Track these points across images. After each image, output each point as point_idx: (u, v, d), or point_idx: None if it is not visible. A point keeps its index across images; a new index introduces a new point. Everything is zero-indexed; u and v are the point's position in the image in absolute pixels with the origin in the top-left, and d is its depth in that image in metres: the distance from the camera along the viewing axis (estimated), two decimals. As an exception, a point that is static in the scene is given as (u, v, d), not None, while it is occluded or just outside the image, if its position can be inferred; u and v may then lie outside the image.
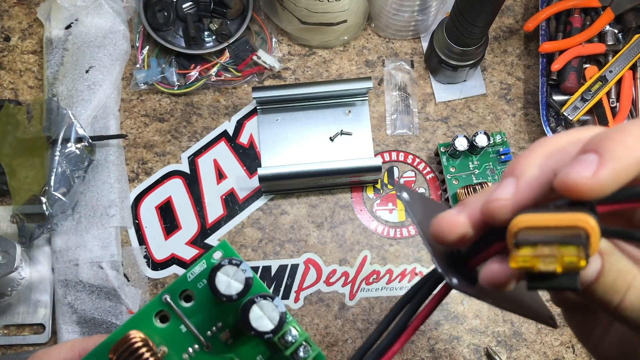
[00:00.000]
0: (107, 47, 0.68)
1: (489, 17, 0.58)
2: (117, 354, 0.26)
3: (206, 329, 0.29)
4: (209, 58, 0.69)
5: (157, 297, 0.29)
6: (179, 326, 0.29)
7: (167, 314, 0.29)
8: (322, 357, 0.29)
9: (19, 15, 0.72)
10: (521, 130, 0.69)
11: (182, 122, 0.69)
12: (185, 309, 0.29)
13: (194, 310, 0.29)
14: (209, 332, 0.29)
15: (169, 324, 0.29)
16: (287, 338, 0.28)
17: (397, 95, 0.69)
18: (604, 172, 0.20)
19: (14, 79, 0.70)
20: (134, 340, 0.27)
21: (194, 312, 0.29)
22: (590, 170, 0.20)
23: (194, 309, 0.29)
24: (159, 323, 0.29)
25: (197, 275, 0.30)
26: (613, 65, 0.64)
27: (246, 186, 0.67)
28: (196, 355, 0.29)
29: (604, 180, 0.20)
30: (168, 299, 0.29)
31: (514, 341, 0.63)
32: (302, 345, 0.28)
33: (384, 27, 0.70)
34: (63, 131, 0.63)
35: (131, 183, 0.67)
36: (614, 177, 0.20)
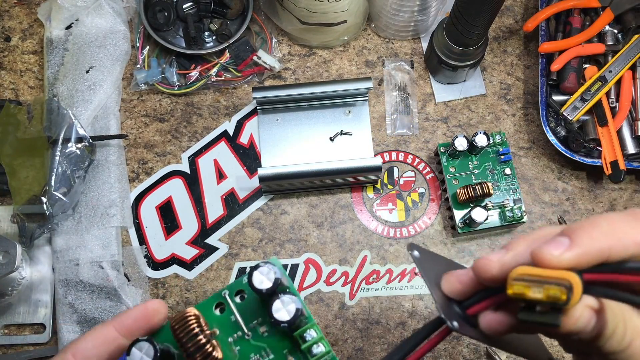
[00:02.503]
0: (107, 47, 0.68)
1: (488, 18, 0.58)
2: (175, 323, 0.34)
3: (249, 321, 0.37)
4: (209, 58, 0.69)
5: (219, 292, 0.37)
6: (230, 316, 0.37)
7: (224, 306, 0.37)
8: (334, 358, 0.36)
9: (19, 15, 0.72)
10: (521, 130, 0.69)
11: (183, 122, 0.69)
12: (237, 304, 0.37)
13: (243, 306, 0.37)
14: (250, 325, 0.37)
15: (224, 313, 0.37)
16: (305, 336, 0.35)
17: (397, 95, 0.70)
18: (569, 254, 0.26)
19: (15, 79, 0.70)
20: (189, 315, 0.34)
21: (243, 308, 0.37)
22: (559, 250, 0.27)
23: (244, 305, 0.37)
24: (217, 312, 0.37)
25: None
26: (612, 65, 0.64)
27: (246, 186, 0.67)
28: (239, 340, 0.37)
29: (567, 260, 0.26)
30: (226, 294, 0.37)
31: (513, 341, 0.63)
32: (317, 344, 0.35)
33: (384, 27, 0.70)
34: (63, 131, 0.63)
35: (131, 183, 0.67)
36: (576, 259, 0.26)
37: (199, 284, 0.65)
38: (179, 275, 0.65)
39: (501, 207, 0.63)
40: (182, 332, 0.34)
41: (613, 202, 0.67)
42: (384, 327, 0.63)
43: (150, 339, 0.34)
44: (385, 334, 0.63)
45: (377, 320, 0.64)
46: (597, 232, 0.27)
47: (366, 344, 0.63)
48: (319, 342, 0.35)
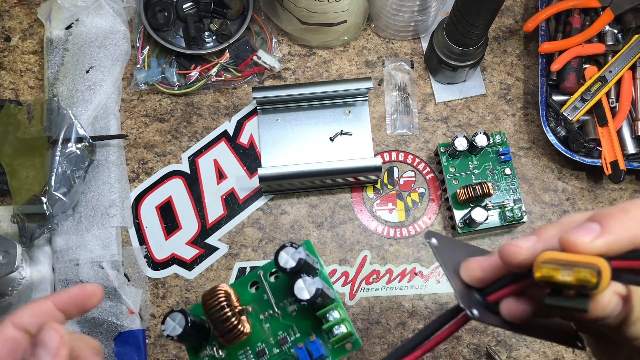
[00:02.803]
0: (107, 47, 0.68)
1: (488, 18, 0.58)
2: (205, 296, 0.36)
3: (280, 300, 0.39)
4: (209, 58, 0.69)
5: (254, 271, 0.40)
6: (263, 294, 0.39)
7: (258, 285, 0.40)
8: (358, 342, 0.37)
9: (19, 15, 0.72)
10: (521, 130, 0.69)
11: (183, 122, 0.69)
12: (270, 283, 0.39)
13: (276, 286, 0.39)
14: (281, 303, 0.39)
15: (258, 292, 0.40)
16: (328, 316, 0.36)
17: (397, 95, 0.70)
18: (600, 241, 0.26)
19: (15, 79, 0.70)
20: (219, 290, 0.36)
21: (276, 288, 0.39)
22: (590, 236, 0.26)
23: (276, 286, 0.39)
24: (252, 290, 0.40)
25: None
26: (612, 65, 0.64)
27: (246, 186, 0.67)
28: (269, 318, 0.39)
29: (598, 247, 0.26)
30: (261, 274, 0.39)
31: (513, 341, 0.63)
32: (339, 325, 0.36)
33: (384, 27, 0.70)
34: (63, 131, 0.63)
35: (132, 183, 0.67)
36: (607, 246, 0.26)
37: (199, 284, 0.65)
38: (179, 275, 0.65)
39: (501, 207, 0.63)
40: (210, 304, 0.36)
41: (613, 202, 0.67)
42: (384, 327, 0.63)
43: (184, 310, 0.36)
44: (386, 334, 0.63)
45: (377, 320, 0.64)
46: (628, 219, 0.26)
47: (366, 343, 0.63)
48: (342, 323, 0.36)
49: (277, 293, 0.39)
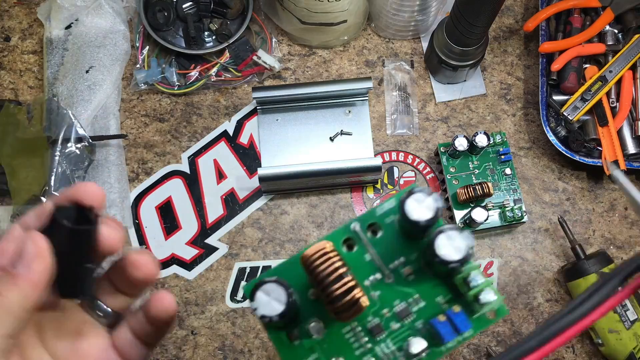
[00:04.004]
0: (107, 47, 0.68)
1: (489, 17, 0.58)
2: (314, 259, 0.27)
3: (388, 262, 0.30)
4: (209, 58, 0.69)
5: (345, 224, 0.30)
6: (363, 254, 0.30)
7: (353, 243, 0.30)
8: (504, 310, 0.29)
9: (19, 15, 0.72)
10: (521, 130, 0.69)
11: (182, 122, 0.69)
12: (370, 239, 0.30)
13: (378, 242, 0.30)
14: (390, 265, 0.30)
15: (354, 251, 0.30)
16: (470, 281, 0.28)
17: (397, 95, 0.69)
18: None
19: (14, 79, 0.70)
20: (333, 251, 0.27)
21: (378, 245, 0.30)
22: None
23: (379, 242, 0.30)
24: (345, 249, 0.30)
25: (385, 210, 0.31)
26: (613, 65, 0.64)
27: (246, 186, 0.67)
28: (377, 284, 0.30)
29: None
30: (357, 227, 0.30)
31: (513, 341, 0.63)
32: (486, 290, 0.28)
33: (384, 27, 0.70)
34: (63, 131, 0.63)
35: (131, 183, 0.67)
36: None
37: (199, 284, 0.65)
38: (179, 275, 0.65)
39: (501, 207, 0.63)
40: (324, 271, 0.26)
41: (613, 202, 0.67)
42: (384, 327, 0.63)
43: (279, 279, 0.27)
44: (386, 334, 0.63)
45: (377, 321, 0.64)
46: None
47: (366, 344, 0.63)
48: (488, 287, 0.28)
49: (382, 252, 0.30)
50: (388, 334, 0.29)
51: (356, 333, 0.29)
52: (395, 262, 0.30)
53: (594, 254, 0.62)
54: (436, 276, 0.30)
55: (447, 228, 0.27)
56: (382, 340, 0.29)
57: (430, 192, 0.28)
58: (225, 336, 0.63)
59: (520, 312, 0.64)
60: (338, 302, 0.26)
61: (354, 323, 0.30)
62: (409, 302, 0.30)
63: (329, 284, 0.26)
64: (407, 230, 0.30)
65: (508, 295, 0.64)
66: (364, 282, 0.30)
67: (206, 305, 0.64)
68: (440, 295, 0.30)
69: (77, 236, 0.28)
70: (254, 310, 0.27)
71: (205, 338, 0.63)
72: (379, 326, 0.29)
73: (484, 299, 0.28)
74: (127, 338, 0.32)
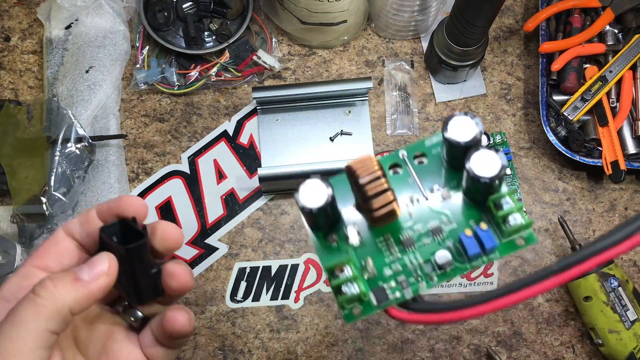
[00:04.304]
0: (107, 47, 0.68)
1: (489, 17, 0.58)
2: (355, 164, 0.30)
3: (428, 186, 0.33)
4: (209, 58, 0.69)
5: (395, 151, 0.34)
6: (407, 178, 0.33)
7: (399, 168, 0.33)
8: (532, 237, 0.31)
9: (19, 15, 0.72)
10: (521, 130, 0.69)
11: (182, 122, 0.69)
12: (415, 166, 0.33)
13: (422, 169, 0.33)
14: (429, 189, 0.33)
15: (400, 175, 0.33)
16: (501, 203, 0.30)
17: (397, 95, 0.69)
18: None
19: (14, 79, 0.70)
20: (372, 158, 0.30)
21: (422, 171, 0.33)
22: None
23: (423, 169, 0.33)
24: (390, 172, 0.33)
25: (434, 143, 0.34)
26: (613, 65, 0.64)
27: (246, 186, 0.67)
28: (415, 204, 0.33)
29: None
30: (405, 155, 0.33)
31: (514, 341, 0.63)
32: (515, 214, 0.30)
33: (384, 27, 0.70)
34: (63, 131, 0.63)
35: (131, 183, 0.67)
36: None
37: (199, 285, 0.64)
38: (179, 275, 0.65)
39: (501, 207, 0.63)
40: (363, 172, 0.29)
41: (614, 202, 0.67)
42: (384, 327, 0.63)
43: (324, 177, 0.30)
44: (386, 335, 0.63)
45: (377, 321, 0.64)
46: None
47: (367, 344, 0.63)
48: (518, 212, 0.30)
49: (425, 178, 0.33)
50: (418, 248, 0.32)
51: (389, 243, 0.32)
52: (435, 186, 0.33)
53: (594, 254, 0.62)
54: (472, 201, 0.32)
55: (484, 147, 0.29)
56: (411, 252, 0.32)
57: (474, 116, 0.29)
58: (225, 336, 0.63)
59: (520, 313, 0.64)
60: (373, 201, 0.29)
61: (388, 234, 0.32)
62: (442, 222, 0.32)
63: (366, 183, 0.29)
64: (450, 156, 0.32)
65: (508, 295, 0.64)
66: (403, 200, 0.33)
67: (206, 305, 0.64)
68: (472, 218, 0.32)
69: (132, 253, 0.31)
70: (297, 202, 0.30)
71: (205, 338, 0.63)
72: (410, 240, 0.32)
73: (512, 221, 0.29)
74: (152, 341, 0.33)
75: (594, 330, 0.61)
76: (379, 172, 0.29)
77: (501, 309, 0.28)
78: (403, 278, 0.31)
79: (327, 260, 0.32)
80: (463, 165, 0.29)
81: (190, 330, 0.32)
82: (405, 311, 0.31)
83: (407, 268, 0.32)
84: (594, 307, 0.59)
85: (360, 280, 0.31)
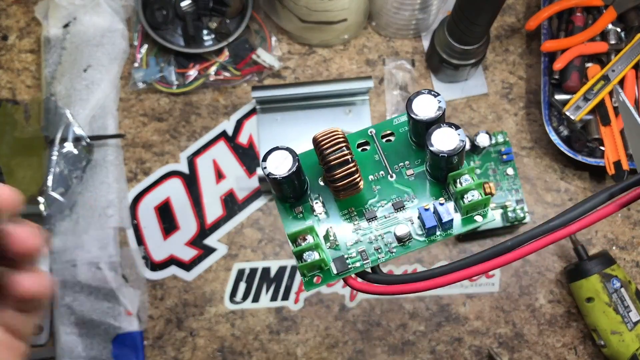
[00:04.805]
0: (105, 46, 0.68)
1: (490, 16, 0.58)
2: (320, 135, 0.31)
3: (394, 164, 0.34)
4: (208, 57, 0.68)
5: (363, 129, 0.35)
6: (374, 154, 0.35)
7: (367, 146, 0.35)
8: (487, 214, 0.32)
9: (16, 14, 0.72)
10: (523, 129, 0.68)
11: (181, 122, 0.68)
12: (383, 144, 0.35)
13: (389, 147, 0.35)
14: (395, 166, 0.34)
15: (367, 152, 0.35)
16: (461, 180, 0.32)
17: (398, 94, 0.69)
18: None
19: (12, 78, 0.70)
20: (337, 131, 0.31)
21: (389, 149, 0.35)
22: None
23: (390, 147, 0.35)
24: (359, 149, 0.35)
25: (401, 121, 0.35)
26: (615, 64, 0.64)
27: (246, 186, 0.67)
28: (379, 180, 0.34)
29: None
30: (373, 133, 0.35)
31: (515, 343, 0.63)
32: (472, 190, 0.31)
33: (385, 25, 0.69)
34: (61, 131, 0.62)
35: (129, 183, 0.67)
36: None
37: (198, 285, 0.64)
38: (178, 276, 0.64)
39: (503, 207, 0.63)
40: (327, 143, 0.31)
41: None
42: (385, 328, 0.63)
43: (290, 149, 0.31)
44: (386, 336, 0.63)
45: (377, 322, 0.63)
46: None
47: (367, 345, 0.62)
48: (476, 189, 0.31)
49: (391, 155, 0.34)
50: (380, 221, 0.34)
51: (352, 216, 0.34)
52: (400, 164, 0.34)
53: (596, 255, 0.61)
54: (434, 178, 0.34)
55: (444, 124, 0.31)
56: (373, 225, 0.34)
57: (437, 94, 0.31)
58: (225, 338, 0.63)
59: (522, 314, 0.63)
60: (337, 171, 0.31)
61: (352, 207, 0.34)
62: (404, 198, 0.34)
63: (330, 153, 0.31)
64: (415, 133, 0.33)
65: (510, 296, 0.64)
66: (369, 176, 0.34)
67: (205, 306, 0.64)
68: (434, 195, 0.34)
69: None
70: (263, 169, 0.31)
71: (204, 340, 0.63)
72: (373, 213, 0.34)
73: (470, 197, 0.31)
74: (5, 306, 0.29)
75: (596, 331, 0.60)
76: (343, 143, 0.31)
77: (454, 282, 0.30)
78: (363, 249, 0.33)
79: (291, 229, 0.33)
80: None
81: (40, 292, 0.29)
82: (363, 281, 0.32)
83: (368, 240, 0.33)
84: (596, 308, 0.59)
85: (322, 249, 0.32)
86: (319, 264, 0.32)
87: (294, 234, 0.32)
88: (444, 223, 0.32)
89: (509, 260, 0.29)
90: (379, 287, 0.32)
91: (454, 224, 0.33)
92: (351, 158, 0.31)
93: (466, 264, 0.30)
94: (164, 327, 0.63)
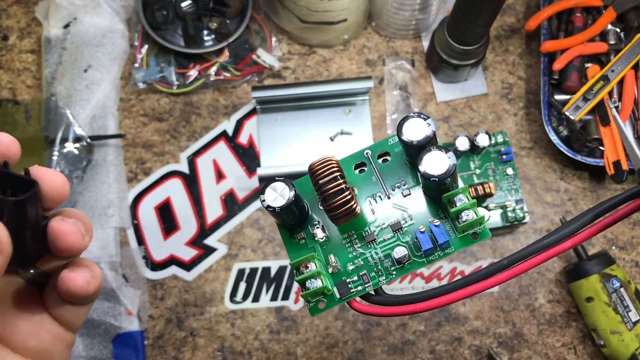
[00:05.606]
0: (105, 46, 0.68)
1: (490, 16, 0.58)
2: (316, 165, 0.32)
3: (391, 184, 0.35)
4: (208, 57, 0.69)
5: (360, 150, 0.36)
6: (370, 176, 0.35)
7: (364, 168, 0.36)
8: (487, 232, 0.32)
9: (17, 14, 0.72)
10: (523, 130, 0.68)
11: (181, 122, 0.69)
12: (379, 165, 0.35)
13: (385, 167, 0.35)
14: (392, 187, 0.35)
15: (364, 174, 0.35)
16: (455, 201, 0.32)
17: (398, 94, 0.69)
18: None
19: (12, 78, 0.70)
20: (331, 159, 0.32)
21: (385, 169, 0.35)
22: None
23: (386, 167, 0.35)
24: (357, 172, 0.36)
25: (396, 142, 0.35)
26: (615, 64, 0.64)
27: (246, 186, 0.67)
28: (378, 202, 0.35)
29: None
30: (369, 154, 0.36)
31: (515, 342, 0.63)
32: (468, 210, 0.32)
33: (385, 26, 0.69)
34: (61, 131, 0.62)
35: (130, 183, 0.67)
36: None
37: (198, 285, 0.64)
38: (178, 276, 0.64)
39: (503, 207, 0.63)
40: (322, 173, 0.31)
41: (615, 202, 0.67)
42: (385, 328, 0.63)
43: (287, 180, 0.32)
44: (386, 336, 0.63)
45: (377, 322, 0.63)
46: None
47: (367, 345, 0.63)
48: (471, 208, 0.32)
49: (388, 176, 0.35)
50: (379, 244, 0.34)
51: (352, 239, 0.34)
52: (397, 184, 0.35)
53: (595, 255, 0.62)
54: (430, 198, 0.34)
55: (434, 148, 0.31)
56: (373, 247, 0.34)
57: (426, 117, 0.31)
58: (225, 337, 0.63)
59: (522, 313, 0.63)
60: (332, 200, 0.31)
61: (352, 231, 0.34)
62: (402, 218, 0.34)
63: (324, 183, 0.31)
64: (408, 155, 0.34)
65: (509, 296, 0.64)
66: (367, 199, 0.35)
67: (205, 306, 0.64)
68: (431, 214, 0.34)
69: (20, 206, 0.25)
70: (262, 202, 0.32)
71: (204, 339, 0.63)
72: (372, 236, 0.34)
73: (465, 217, 0.32)
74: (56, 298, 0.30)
75: (595, 331, 0.60)
76: (337, 172, 0.31)
77: (455, 302, 0.31)
78: (364, 272, 0.34)
79: (294, 257, 0.34)
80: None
81: (91, 291, 0.29)
82: (367, 304, 0.33)
83: (368, 263, 0.34)
84: (596, 308, 0.59)
85: (324, 275, 0.33)
86: (322, 290, 0.32)
87: (297, 262, 0.32)
88: (440, 244, 0.32)
89: (505, 278, 0.30)
90: (382, 309, 0.32)
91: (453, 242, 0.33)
92: (345, 186, 0.31)
93: (465, 283, 0.31)
94: (164, 326, 0.63)
